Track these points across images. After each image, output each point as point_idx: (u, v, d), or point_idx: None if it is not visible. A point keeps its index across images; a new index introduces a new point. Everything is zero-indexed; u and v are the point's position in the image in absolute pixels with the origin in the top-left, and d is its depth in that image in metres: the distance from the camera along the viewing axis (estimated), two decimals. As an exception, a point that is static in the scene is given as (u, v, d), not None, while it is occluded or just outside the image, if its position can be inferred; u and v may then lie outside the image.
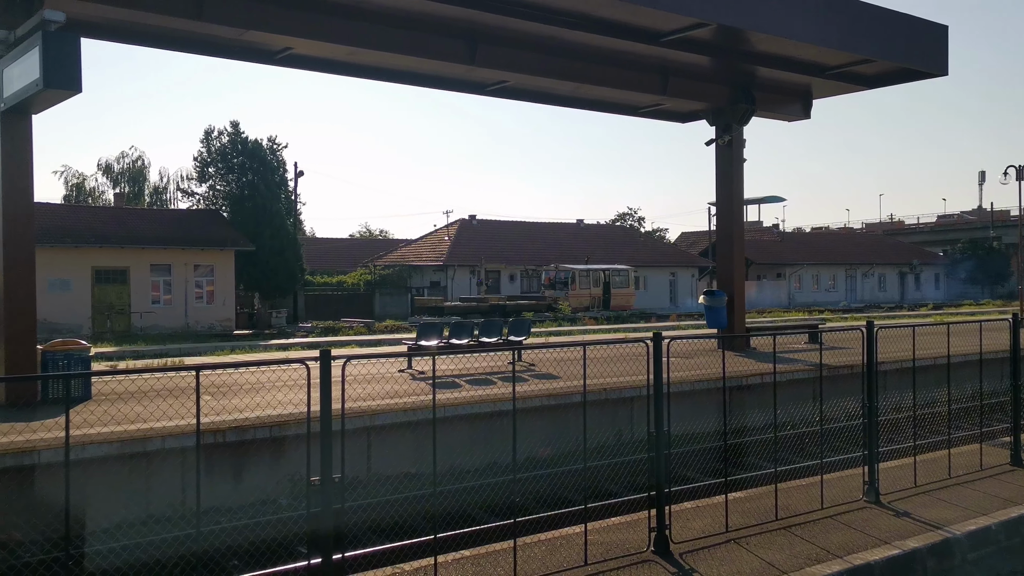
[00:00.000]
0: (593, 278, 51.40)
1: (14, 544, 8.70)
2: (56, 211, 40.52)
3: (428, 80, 19.80)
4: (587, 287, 50.69)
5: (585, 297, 50.01)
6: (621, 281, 52.79)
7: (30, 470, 9.37)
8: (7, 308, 12.97)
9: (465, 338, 17.71)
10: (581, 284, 50.74)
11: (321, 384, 6.18)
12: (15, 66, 12.08)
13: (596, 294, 50.87)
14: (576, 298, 49.61)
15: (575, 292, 49.88)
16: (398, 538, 9.25)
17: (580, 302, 49.31)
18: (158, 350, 26.39)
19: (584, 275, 51.09)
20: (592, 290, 50.76)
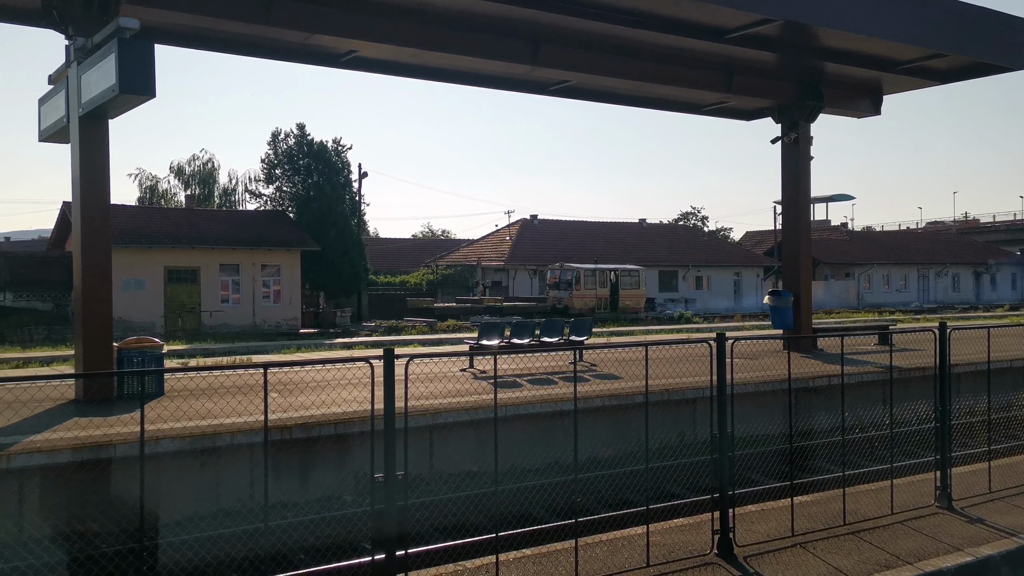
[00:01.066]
0: (600, 278, 48.93)
1: (91, 535, 9.01)
2: (131, 213, 41.78)
3: (491, 81, 19.89)
4: (593, 288, 48.34)
5: (591, 298, 47.80)
6: (630, 282, 50.35)
7: (107, 463, 9.68)
8: (85, 307, 13.41)
9: (526, 338, 17.73)
10: (587, 284, 48.25)
11: (385, 382, 6.26)
12: (92, 72, 12.49)
13: (603, 295, 48.55)
14: (581, 299, 47.53)
15: (579, 293, 47.76)
16: (460, 536, 9.32)
17: (585, 303, 47.21)
18: (227, 348, 27.02)
19: (590, 275, 48.60)
20: (598, 291, 48.44)
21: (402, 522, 6.40)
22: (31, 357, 23.85)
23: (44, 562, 8.38)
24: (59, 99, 14.17)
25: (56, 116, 14.34)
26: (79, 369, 13.67)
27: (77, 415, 11.71)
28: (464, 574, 6.84)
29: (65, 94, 13.74)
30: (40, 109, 15.24)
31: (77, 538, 8.94)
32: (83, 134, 13.34)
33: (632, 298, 49.58)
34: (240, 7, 14.60)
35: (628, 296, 49.40)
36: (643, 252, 60.32)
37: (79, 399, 13.13)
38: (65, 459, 9.50)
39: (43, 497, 9.42)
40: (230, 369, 10.43)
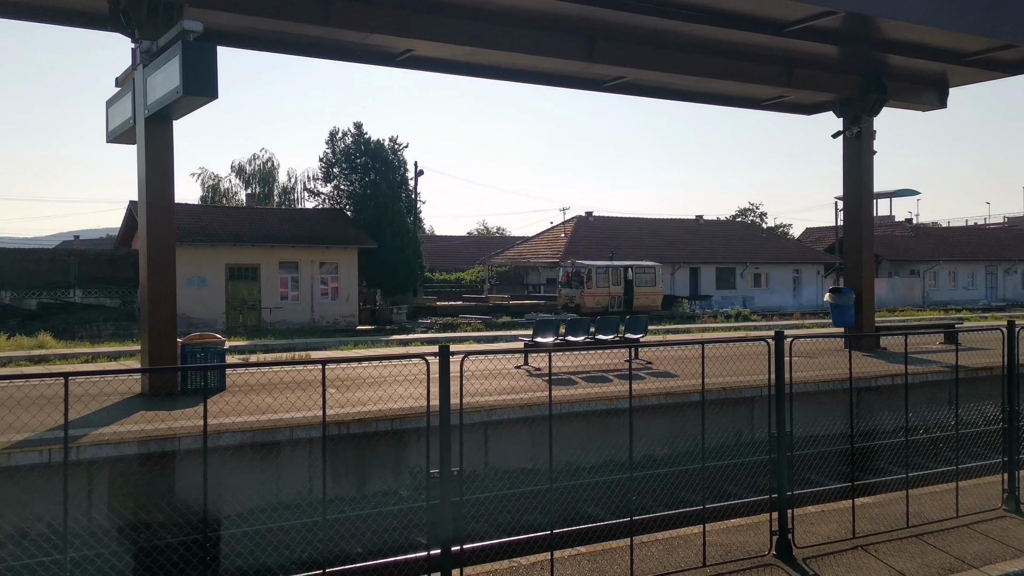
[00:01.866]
0: (613, 276, 46.37)
1: (156, 525, 9.26)
2: (193, 211, 42.75)
3: (546, 78, 19.87)
4: (605, 285, 45.95)
5: (603, 296, 45.62)
6: (646, 279, 47.81)
7: (171, 456, 9.94)
8: (151, 303, 13.77)
9: (581, 335, 17.69)
10: (598, 282, 45.72)
11: (440, 379, 6.31)
12: (157, 74, 12.82)
13: (616, 293, 46.16)
14: (592, 297, 45.39)
15: (591, 291, 45.45)
16: (514, 532, 9.34)
17: (597, 302, 45.13)
18: (286, 344, 27.48)
19: (602, 272, 46.08)
20: (611, 289, 46.04)
21: (457, 518, 6.43)
22: (100, 352, 24.57)
23: (112, 551, 8.63)
24: (126, 101, 14.58)
25: (123, 118, 14.75)
26: (145, 364, 14.05)
27: (143, 408, 12.03)
28: (519, 571, 6.85)
29: (131, 96, 14.13)
30: (108, 111, 15.69)
31: (143, 528, 9.19)
32: (148, 135, 13.69)
33: (648, 296, 47.42)
34: (299, 8, 14.82)
35: (644, 294, 47.20)
36: (699, 249, 59.65)
37: (145, 393, 13.49)
38: (132, 451, 9.78)
39: (111, 488, 9.70)
40: (289, 365, 10.63)
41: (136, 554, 8.59)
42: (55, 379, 5.45)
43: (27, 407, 10.12)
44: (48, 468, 9.20)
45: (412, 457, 11.38)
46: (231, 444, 10.29)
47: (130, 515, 9.35)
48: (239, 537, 9.06)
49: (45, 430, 10.14)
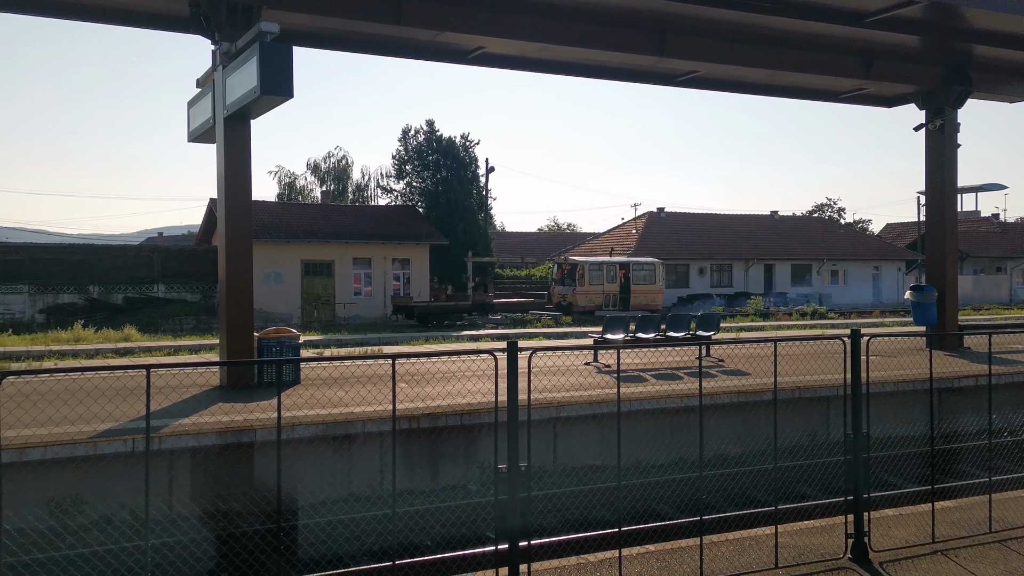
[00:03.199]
0: (607, 273, 43.91)
1: (234, 514, 9.52)
2: (270, 208, 43.78)
3: (617, 73, 19.74)
4: (599, 283, 43.36)
5: (596, 295, 43.21)
6: (644, 276, 45.17)
7: (248, 447, 10.20)
8: (229, 299, 14.15)
9: (652, 332, 17.54)
10: (591, 280, 43.29)
11: (508, 375, 6.33)
12: (236, 75, 13.15)
13: (610, 291, 43.65)
14: (584, 295, 42.98)
15: (583, 289, 43.11)
16: (583, 529, 9.32)
17: (590, 300, 42.75)
18: (359, 339, 27.93)
19: (595, 269, 43.67)
20: (606, 287, 43.60)
21: (525, 513, 6.45)
22: (181, 345, 25.37)
23: (191, 538, 8.91)
24: (206, 101, 15.00)
25: (203, 117, 15.18)
26: (223, 357, 14.44)
27: (221, 401, 12.38)
28: (587, 568, 6.84)
29: (211, 97, 14.53)
30: (189, 111, 16.17)
31: (221, 517, 9.46)
32: (227, 134, 14.05)
33: (646, 295, 44.82)
34: (373, 8, 15.02)
35: (642, 292, 44.72)
36: (775, 245, 58.50)
37: (223, 386, 13.87)
38: (210, 442, 10.07)
39: (191, 477, 10.01)
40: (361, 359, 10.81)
41: (214, 542, 8.85)
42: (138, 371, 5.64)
43: (111, 398, 10.51)
44: (131, 457, 9.53)
45: (481, 452, 11.45)
46: (305, 436, 10.50)
47: (209, 504, 9.63)
48: (312, 527, 9.26)
49: (128, 420, 10.52)
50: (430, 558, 8.02)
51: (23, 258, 37.73)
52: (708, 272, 56.31)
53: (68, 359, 21.73)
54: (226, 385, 13.80)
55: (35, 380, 11.68)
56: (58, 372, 5.73)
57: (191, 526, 9.24)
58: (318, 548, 8.75)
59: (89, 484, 9.34)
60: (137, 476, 9.34)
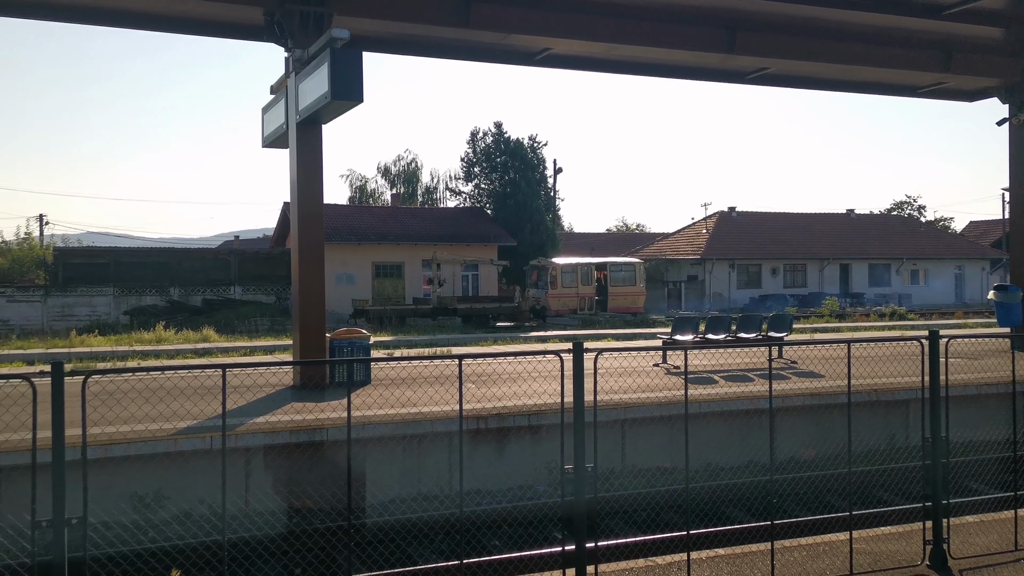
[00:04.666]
0: (582, 275, 40.78)
1: (306, 511, 9.72)
2: (342, 211, 44.58)
3: (685, 72, 19.55)
4: (573, 285, 40.50)
5: (570, 298, 40.34)
6: (624, 277, 42.36)
7: (320, 445, 10.41)
8: (301, 299, 14.45)
9: (722, 333, 17.29)
10: (564, 282, 40.39)
11: (574, 376, 6.33)
12: (308, 81, 13.43)
13: (586, 294, 40.71)
14: (558, 299, 40.22)
15: (555, 292, 40.21)
16: (651, 531, 9.25)
17: (564, 304, 40.11)
18: (428, 340, 28.20)
19: (568, 271, 40.63)
20: (580, 289, 40.52)
21: (592, 514, 6.44)
22: (256, 346, 25.99)
23: (266, 534, 9.13)
24: (279, 108, 15.35)
25: (277, 123, 15.54)
26: (296, 357, 14.76)
27: (294, 400, 12.65)
28: (655, 570, 6.79)
29: (284, 103, 14.87)
30: (263, 117, 16.56)
31: (295, 513, 9.67)
32: (300, 139, 14.36)
33: (626, 297, 41.98)
34: (440, 12, 15.19)
35: (621, 295, 41.89)
36: (851, 244, 57.10)
37: (296, 385, 14.17)
38: (284, 440, 10.30)
39: (265, 474, 10.26)
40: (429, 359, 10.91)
41: (288, 537, 9.05)
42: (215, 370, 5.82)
43: (190, 396, 10.85)
44: (210, 453, 9.82)
45: (548, 452, 11.46)
46: (375, 435, 10.66)
47: (283, 500, 9.86)
48: (382, 526, 9.39)
49: (207, 418, 10.84)
50: (497, 557, 8.06)
51: (109, 261, 39.24)
52: (781, 272, 55.28)
53: (150, 359, 22.48)
54: (299, 384, 14.09)
55: (119, 379, 12.13)
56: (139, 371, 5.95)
57: (266, 522, 9.46)
58: (387, 546, 8.87)
59: (170, 480, 9.66)
60: (215, 472, 9.62)
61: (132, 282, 38.11)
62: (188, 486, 9.66)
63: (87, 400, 5.31)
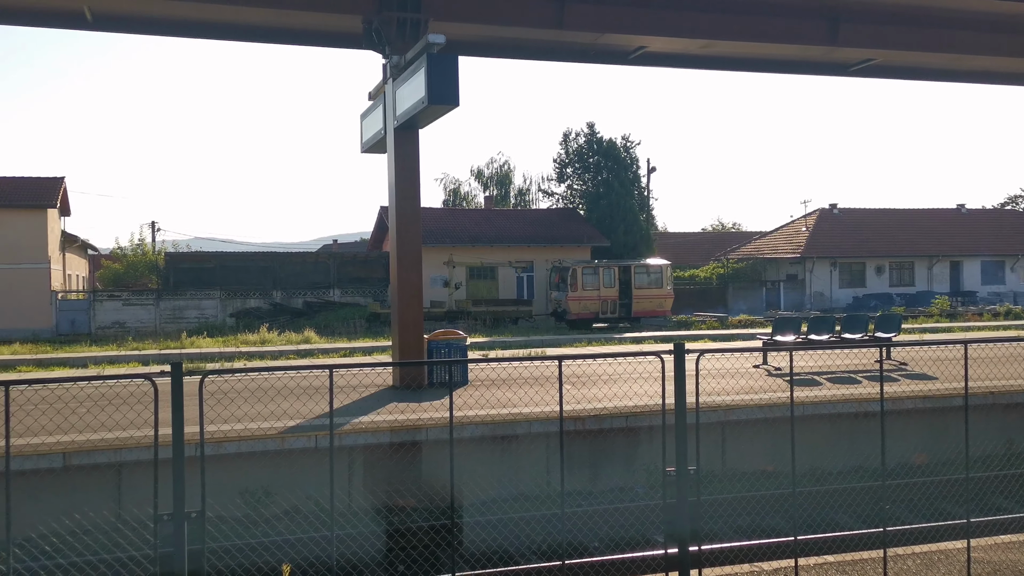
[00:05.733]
0: (605, 276, 38.62)
1: (410, 509, 9.89)
2: (437, 214, 45.20)
3: (784, 66, 19.08)
4: (594, 287, 38.33)
5: (592, 300, 38.14)
6: (650, 280, 39.75)
7: (419, 445, 10.58)
8: (400, 301, 14.72)
9: (825, 333, 16.80)
10: (585, 284, 38.22)
11: (675, 377, 6.25)
12: (405, 87, 13.67)
13: (608, 296, 38.44)
14: (578, 301, 37.97)
15: (575, 294, 37.92)
16: (754, 536, 9.06)
17: (585, 306, 37.90)
18: (523, 341, 28.31)
19: (590, 272, 38.51)
20: (602, 291, 38.34)
21: (694, 517, 6.35)
22: (355, 347, 26.59)
23: (371, 530, 9.33)
24: (377, 113, 15.68)
25: (375, 129, 15.87)
26: (395, 358, 15.04)
27: (394, 400, 12.89)
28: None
29: (382, 108, 15.17)
30: (362, 123, 16.95)
31: (397, 511, 9.85)
32: (397, 144, 14.63)
33: (652, 300, 39.59)
34: (535, 14, 15.24)
35: (646, 297, 39.47)
36: (962, 240, 54.59)
37: (395, 385, 14.44)
38: (385, 440, 10.52)
39: (367, 473, 10.49)
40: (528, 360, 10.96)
41: (391, 534, 9.22)
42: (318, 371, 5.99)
43: (297, 396, 11.18)
44: (315, 452, 10.10)
45: (647, 454, 11.35)
46: (474, 436, 10.77)
47: (385, 498, 10.05)
48: (483, 524, 9.47)
49: (312, 418, 11.15)
50: (599, 559, 8.03)
51: (215, 266, 40.84)
52: (887, 271, 53.29)
53: (255, 360, 23.27)
54: (398, 385, 14.35)
55: (231, 379, 12.61)
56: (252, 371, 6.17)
57: (369, 518, 9.67)
58: (489, 544, 8.95)
59: (278, 477, 9.98)
60: (320, 470, 9.90)
61: (237, 285, 39.53)
62: (295, 483, 9.96)
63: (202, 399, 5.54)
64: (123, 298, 38.90)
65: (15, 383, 5.61)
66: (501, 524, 9.46)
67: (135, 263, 55.50)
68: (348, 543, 8.52)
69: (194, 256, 45.58)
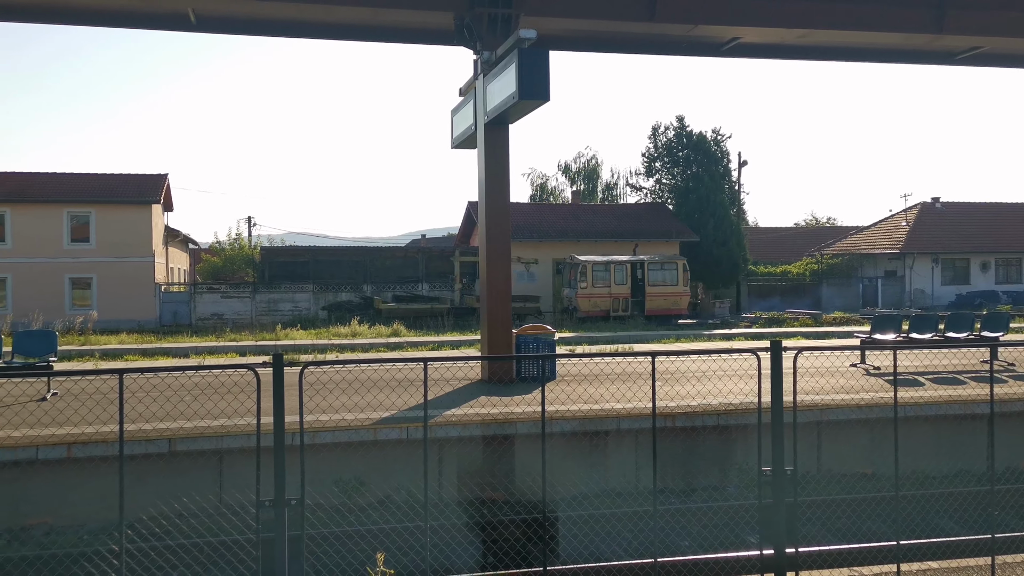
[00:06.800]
0: (616, 272, 37.36)
1: (501, 502, 9.96)
2: (524, 209, 45.30)
3: (885, 55, 18.43)
4: (605, 284, 37.15)
5: (602, 297, 36.97)
6: (664, 276, 38.18)
7: (509, 439, 10.63)
8: (489, 296, 14.80)
9: (928, 332, 16.18)
10: (595, 280, 37.05)
11: (772, 375, 6.12)
12: (496, 82, 13.73)
13: (619, 294, 37.19)
14: (588, 298, 36.82)
15: (585, 291, 36.82)
16: (852, 540, 8.81)
17: (595, 304, 36.63)
18: (609, 336, 28.16)
19: (600, 268, 37.24)
20: (613, 288, 37.11)
21: (791, 519, 6.21)
22: (443, 340, 26.92)
23: (463, 522, 9.44)
24: (467, 109, 15.79)
25: (465, 124, 15.99)
26: (484, 352, 15.13)
27: (483, 394, 12.99)
28: (860, 580, 6.46)
29: (472, 104, 15.27)
30: (452, 119, 17.09)
31: (488, 504, 9.93)
32: (487, 139, 14.71)
33: (667, 297, 38.02)
34: (627, 7, 15.11)
35: (660, 295, 37.88)
36: (1077, 236, 51.82)
37: (484, 379, 14.53)
38: (475, 433, 10.61)
39: (457, 465, 10.60)
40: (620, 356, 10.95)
41: (481, 526, 9.31)
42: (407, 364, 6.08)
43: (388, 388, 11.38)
44: (406, 443, 10.27)
45: (739, 453, 11.16)
46: (564, 431, 10.77)
47: (476, 490, 10.15)
48: (573, 520, 9.48)
49: (402, 409, 11.33)
50: (692, 558, 7.93)
51: (308, 260, 41.93)
52: (992, 267, 51.00)
53: (346, 352, 23.79)
54: (487, 379, 14.45)
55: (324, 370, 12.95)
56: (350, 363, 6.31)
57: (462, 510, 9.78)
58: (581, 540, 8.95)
59: (371, 467, 10.18)
60: (411, 461, 10.06)
61: (329, 279, 40.50)
62: (386, 473, 10.14)
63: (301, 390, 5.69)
64: (221, 291, 40.29)
65: (128, 371, 5.87)
66: (592, 520, 9.45)
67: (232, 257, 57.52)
68: (440, 533, 8.64)
69: (288, 251, 46.88)
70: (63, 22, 15.83)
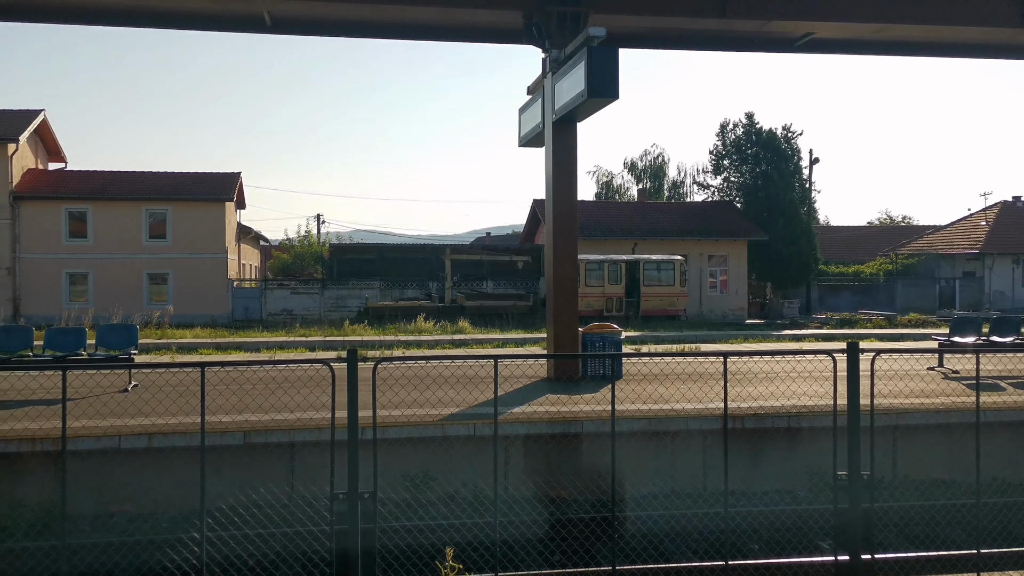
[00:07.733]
0: (610, 272, 36.94)
1: (570, 499, 9.97)
2: (589, 207, 45.16)
3: (966, 49, 17.86)
4: (599, 283, 36.71)
5: (596, 297, 36.35)
6: (661, 276, 37.54)
7: (575, 437, 10.63)
8: (556, 294, 14.81)
9: (1010, 335, 15.65)
10: (589, 279, 36.37)
11: (848, 377, 6.03)
12: (564, 81, 13.73)
13: (613, 294, 36.65)
14: (581, 299, 33.87)
15: (580, 291, 34.32)
16: (929, 548, 8.58)
17: (588, 304, 34.97)
18: (675, 336, 27.90)
19: (595, 267, 36.74)
20: (607, 288, 36.68)
21: (867, 524, 6.10)
22: (508, 338, 27.02)
23: (531, 519, 9.47)
24: (536, 108, 15.82)
25: (533, 123, 16.02)
26: (550, 350, 15.15)
27: (548, 392, 13.01)
28: (939, 589, 6.31)
29: (541, 103, 15.29)
30: (520, 117, 17.14)
31: (557, 501, 9.95)
32: (555, 138, 14.71)
33: (663, 298, 37.38)
34: (697, 4, 14.95)
35: (656, 295, 37.28)
36: None
37: (550, 377, 14.55)
38: (542, 431, 10.64)
39: (524, 462, 10.64)
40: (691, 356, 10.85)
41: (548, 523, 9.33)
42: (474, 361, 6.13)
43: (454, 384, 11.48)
44: (473, 440, 10.35)
45: (809, 456, 10.96)
46: (632, 430, 10.72)
47: (543, 487, 10.17)
48: (642, 519, 9.44)
49: (469, 406, 11.42)
50: (764, 561, 7.82)
51: (375, 257, 42.52)
52: (1075, 269, 48.99)
53: (412, 348, 24.06)
54: (553, 377, 14.46)
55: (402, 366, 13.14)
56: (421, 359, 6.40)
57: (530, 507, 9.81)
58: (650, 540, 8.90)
59: (437, 462, 10.29)
60: (479, 457, 10.13)
61: (395, 276, 40.99)
62: (453, 469, 10.24)
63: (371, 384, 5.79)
64: (291, 287, 41.09)
65: (209, 364, 6.06)
66: (661, 520, 9.39)
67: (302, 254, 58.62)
68: (509, 529, 8.69)
69: (356, 247, 47.57)
70: (144, 25, 16.35)
